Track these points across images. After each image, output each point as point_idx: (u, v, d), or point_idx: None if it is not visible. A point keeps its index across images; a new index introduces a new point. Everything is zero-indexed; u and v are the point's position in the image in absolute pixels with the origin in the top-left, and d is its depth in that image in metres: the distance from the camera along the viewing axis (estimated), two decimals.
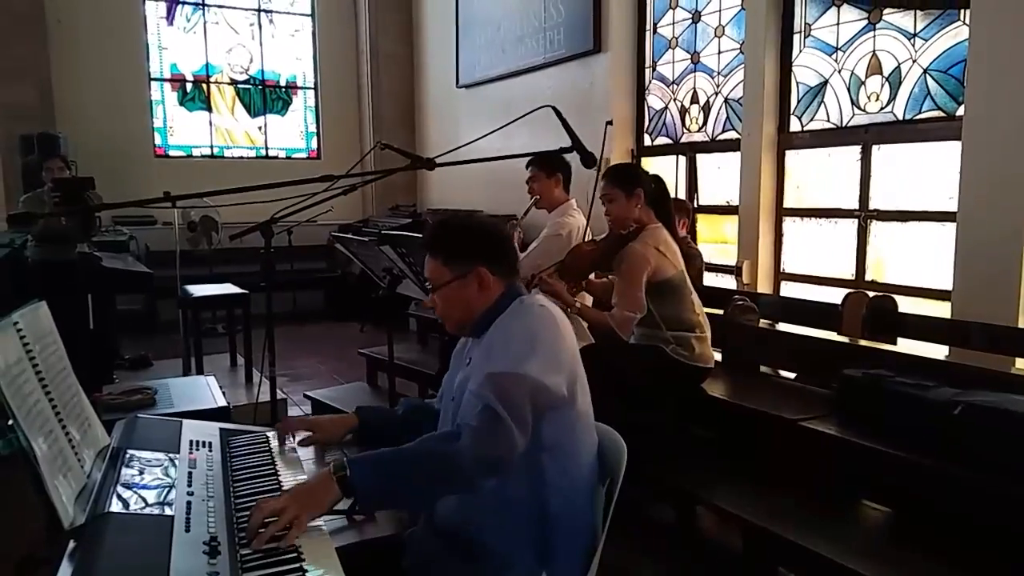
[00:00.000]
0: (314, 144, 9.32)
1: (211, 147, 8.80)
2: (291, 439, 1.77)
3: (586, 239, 3.28)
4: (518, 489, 1.52)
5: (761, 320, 3.78)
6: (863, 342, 3.27)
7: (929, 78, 4.07)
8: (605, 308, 3.16)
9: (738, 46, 5.18)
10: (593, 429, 1.67)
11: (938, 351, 3.35)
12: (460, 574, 1.56)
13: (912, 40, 4.13)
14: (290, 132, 9.21)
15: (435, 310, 1.72)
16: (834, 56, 4.57)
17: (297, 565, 1.22)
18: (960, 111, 3.84)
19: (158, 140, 8.50)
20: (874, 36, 4.33)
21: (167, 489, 1.40)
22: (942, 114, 4.01)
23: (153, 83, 8.41)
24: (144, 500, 1.34)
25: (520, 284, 1.72)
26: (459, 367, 1.74)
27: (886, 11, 4.25)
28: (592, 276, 3.40)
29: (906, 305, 3.81)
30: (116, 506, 1.28)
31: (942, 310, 3.86)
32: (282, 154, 9.17)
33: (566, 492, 1.56)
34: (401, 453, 1.43)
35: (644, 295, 2.98)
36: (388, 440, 1.55)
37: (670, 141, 5.84)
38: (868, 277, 4.42)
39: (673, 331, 3.05)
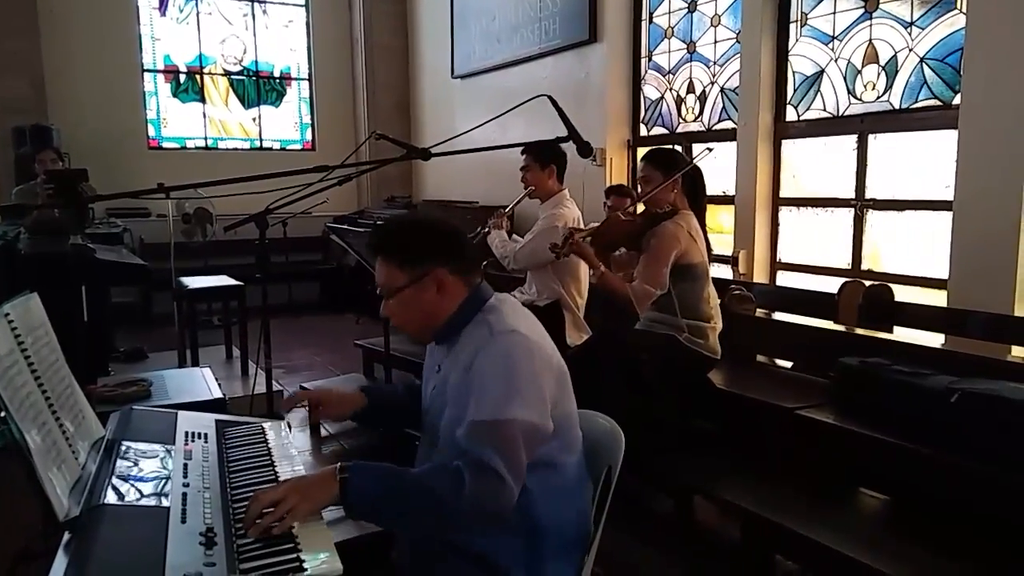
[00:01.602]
0: (308, 136, 9.28)
1: (205, 139, 8.75)
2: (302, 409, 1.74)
3: (623, 213, 3.26)
4: None
5: (757, 310, 3.78)
6: (859, 331, 3.27)
7: (926, 67, 4.06)
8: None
9: (734, 35, 5.16)
10: (577, 427, 1.60)
11: (934, 340, 3.35)
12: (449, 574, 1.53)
13: (909, 29, 4.12)
14: (284, 123, 9.16)
15: (392, 319, 1.61)
16: (830, 45, 4.56)
17: (294, 555, 1.21)
18: (957, 100, 3.83)
19: (152, 132, 8.45)
20: (871, 25, 4.32)
21: (163, 480, 1.39)
22: (939, 103, 4.01)
23: (146, 74, 8.35)
24: (139, 491, 1.33)
25: (486, 285, 1.61)
26: (430, 377, 1.67)
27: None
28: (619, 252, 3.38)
29: (902, 294, 3.81)
30: (111, 497, 1.28)
31: (938, 299, 3.86)
32: (276, 145, 9.12)
33: (554, 504, 1.51)
34: (404, 479, 1.38)
35: (668, 274, 2.98)
36: (388, 420, 1.52)
37: (666, 131, 5.83)
38: (864, 266, 4.42)
39: (688, 319, 3.05)
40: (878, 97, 4.31)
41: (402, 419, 1.83)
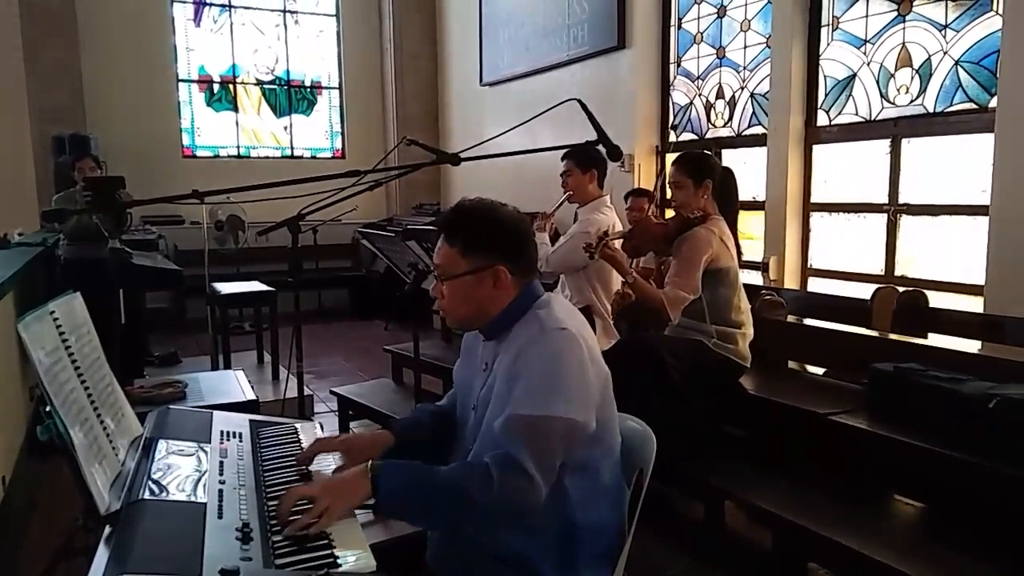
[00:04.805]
0: (339, 144, 9.38)
1: (237, 147, 8.89)
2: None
3: (655, 217, 3.27)
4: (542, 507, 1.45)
5: (788, 316, 3.74)
6: (893, 336, 3.22)
7: (961, 70, 4.00)
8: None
9: (764, 40, 5.13)
10: (617, 433, 1.59)
11: (971, 347, 3.29)
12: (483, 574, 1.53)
13: (943, 31, 4.07)
14: (315, 132, 9.28)
15: (438, 300, 1.60)
16: (863, 49, 4.51)
17: (328, 552, 1.23)
18: (993, 103, 3.77)
19: (186, 141, 8.60)
20: (904, 28, 4.27)
21: (199, 477, 1.41)
22: (974, 106, 3.95)
23: (181, 84, 8.51)
24: (177, 488, 1.35)
25: (537, 283, 1.60)
26: (475, 370, 1.65)
27: (916, 2, 4.19)
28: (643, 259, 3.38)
29: (937, 300, 3.75)
30: (150, 493, 1.30)
31: (975, 305, 3.79)
32: (307, 154, 9.24)
33: (591, 508, 1.51)
34: (435, 477, 1.39)
35: (700, 279, 2.98)
36: (417, 455, 1.52)
37: (695, 137, 5.81)
38: (898, 272, 4.36)
39: (717, 325, 3.04)
40: (912, 101, 4.26)
41: (430, 450, 1.69)
